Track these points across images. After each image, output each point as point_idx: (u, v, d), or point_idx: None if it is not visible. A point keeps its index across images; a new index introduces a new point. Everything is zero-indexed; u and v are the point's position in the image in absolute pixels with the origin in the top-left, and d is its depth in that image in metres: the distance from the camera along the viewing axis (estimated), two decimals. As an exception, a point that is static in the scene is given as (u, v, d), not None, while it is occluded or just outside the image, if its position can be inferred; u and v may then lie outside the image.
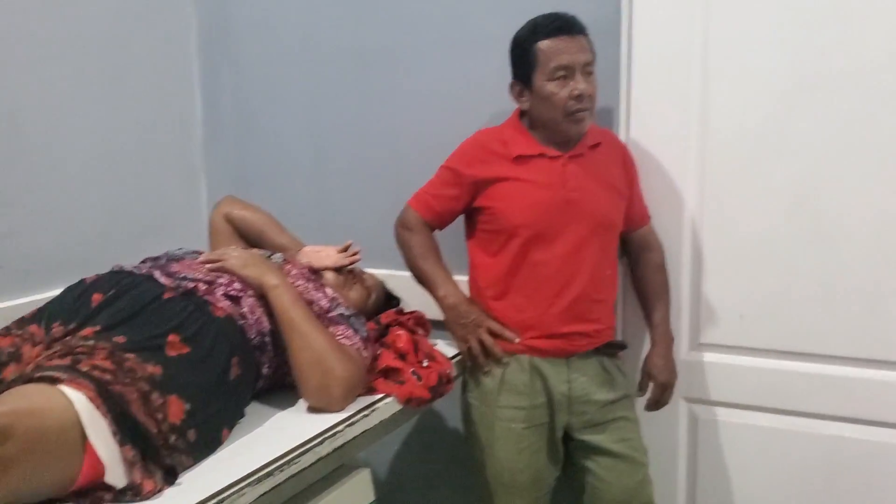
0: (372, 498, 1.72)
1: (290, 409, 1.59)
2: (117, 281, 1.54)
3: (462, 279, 1.97)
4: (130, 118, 2.36)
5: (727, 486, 2.09)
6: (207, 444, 1.38)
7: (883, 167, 1.84)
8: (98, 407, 1.20)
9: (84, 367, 1.24)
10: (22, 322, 1.48)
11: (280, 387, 1.67)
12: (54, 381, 1.20)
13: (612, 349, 1.95)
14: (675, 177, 2.01)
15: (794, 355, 1.98)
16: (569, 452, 1.95)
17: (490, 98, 2.10)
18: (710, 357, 2.06)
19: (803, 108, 1.88)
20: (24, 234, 2.06)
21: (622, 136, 2.03)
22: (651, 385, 1.96)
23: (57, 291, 1.99)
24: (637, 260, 2.01)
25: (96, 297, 1.48)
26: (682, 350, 2.06)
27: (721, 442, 2.08)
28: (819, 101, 1.87)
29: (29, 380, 1.22)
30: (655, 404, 1.97)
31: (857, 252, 1.88)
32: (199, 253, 1.78)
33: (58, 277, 2.06)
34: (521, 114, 1.90)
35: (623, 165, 1.94)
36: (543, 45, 1.78)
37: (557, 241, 1.83)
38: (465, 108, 2.20)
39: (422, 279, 1.94)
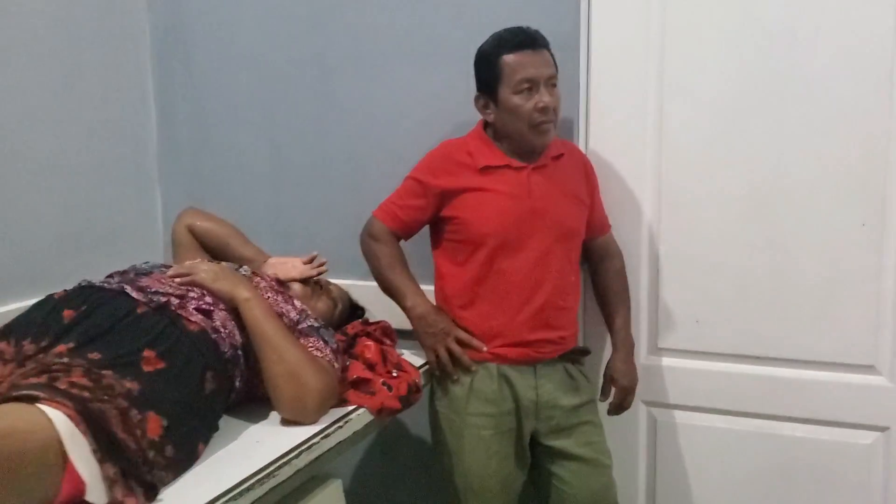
0: (344, 508, 1.72)
1: (263, 423, 1.59)
2: (88, 296, 1.52)
3: (428, 289, 1.99)
4: (83, 128, 2.32)
5: (686, 486, 2.15)
6: (185, 459, 1.37)
7: (831, 174, 1.92)
8: (78, 425, 1.18)
9: (62, 385, 1.22)
10: (-10, 339, 1.45)
11: (250, 399, 1.66)
12: (32, 399, 1.18)
13: (575, 355, 1.99)
14: (633, 185, 2.07)
15: (749, 358, 2.05)
16: (535, 457, 1.98)
17: (452, 109, 2.13)
18: (667, 361, 2.13)
19: (754, 118, 1.96)
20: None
21: (582, 147, 2.08)
22: (613, 389, 2.00)
23: (9, 307, 1.95)
24: (598, 267, 2.05)
25: (67, 314, 1.46)
26: (641, 354, 2.11)
27: (679, 443, 2.14)
28: (768, 111, 1.94)
29: (6, 399, 1.19)
30: (618, 408, 2.01)
31: (807, 257, 1.96)
32: (167, 267, 1.76)
33: (17, 293, 2.03)
34: (486, 125, 1.93)
35: (585, 176, 1.98)
36: (509, 58, 1.82)
37: (523, 250, 1.86)
38: (427, 118, 2.22)
39: (389, 289, 1.95)
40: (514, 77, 1.80)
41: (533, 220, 1.85)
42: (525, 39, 1.81)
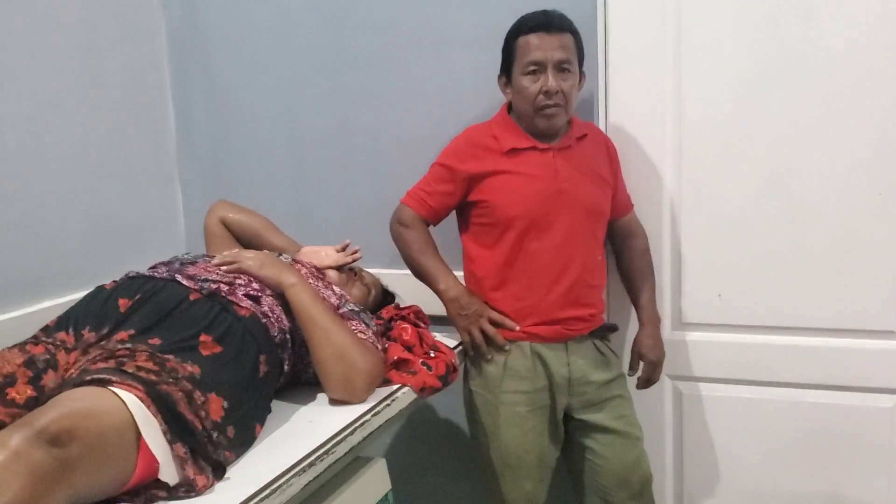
0: (389, 487, 1.76)
1: (312, 404, 1.63)
2: (140, 285, 1.55)
3: (457, 273, 2.02)
4: (102, 128, 2.34)
5: (712, 456, 2.20)
6: (245, 439, 1.41)
7: (845, 148, 1.96)
8: (149, 407, 1.22)
9: (130, 369, 1.26)
10: (48, 330, 1.48)
11: (296, 383, 1.71)
12: (105, 383, 1.22)
13: (604, 332, 2.04)
14: (653, 163, 2.11)
15: (770, 329, 2.09)
16: (568, 433, 2.02)
17: (472, 96, 2.17)
18: (692, 336, 2.17)
19: (771, 94, 1.99)
20: (11, 248, 2.03)
21: (601, 125, 2.12)
22: (641, 364, 2.05)
23: (47, 303, 1.98)
24: (622, 246, 2.10)
25: (123, 302, 1.50)
26: (665, 330, 2.15)
27: (705, 415, 2.19)
28: (786, 85, 1.98)
29: (79, 383, 1.23)
30: (646, 382, 2.06)
31: (825, 229, 2.00)
32: (210, 256, 1.80)
33: (49, 289, 2.07)
34: (509, 108, 1.97)
35: (608, 156, 2.02)
36: (522, 40, 1.86)
37: (552, 231, 1.89)
38: (446, 107, 2.25)
39: (421, 274, 1.99)
40: (524, 59, 1.84)
41: (560, 201, 1.89)
42: (541, 22, 1.84)
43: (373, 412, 1.56)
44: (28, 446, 1.07)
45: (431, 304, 2.00)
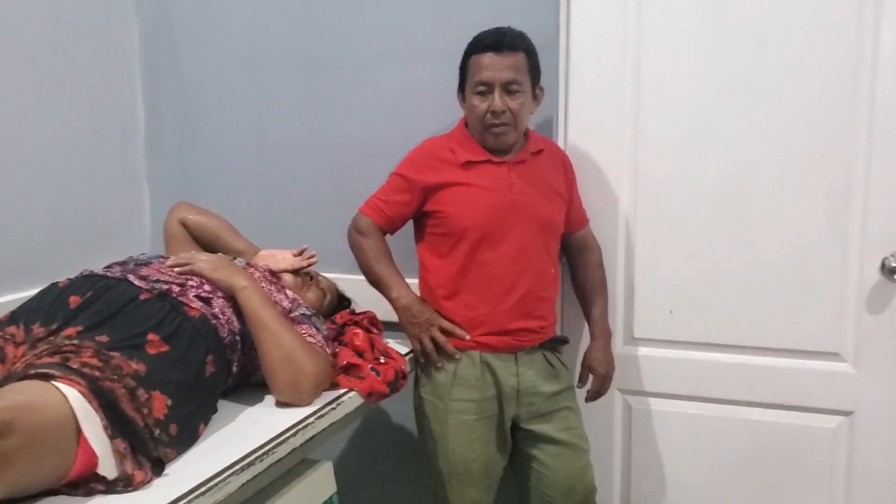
0: (334, 489, 1.79)
1: (259, 405, 1.66)
2: (92, 283, 1.58)
3: (413, 282, 2.06)
4: (72, 124, 2.36)
5: (659, 470, 2.24)
6: (187, 437, 1.43)
7: (799, 169, 2.01)
8: (90, 402, 1.25)
9: (74, 365, 1.29)
10: (-1, 324, 1.51)
11: (245, 384, 1.73)
12: (48, 377, 1.25)
13: (555, 344, 2.07)
14: (610, 180, 2.16)
15: (720, 347, 2.14)
16: (516, 442, 2.05)
17: (434, 108, 2.21)
18: (643, 351, 2.21)
19: (726, 115, 2.05)
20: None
21: (561, 142, 2.16)
22: (591, 377, 2.09)
23: (9, 297, 2.00)
24: (577, 260, 2.14)
25: (74, 299, 1.52)
26: (617, 344, 2.19)
27: (654, 429, 2.23)
28: (739, 108, 2.03)
29: (23, 377, 1.26)
30: (595, 395, 2.10)
31: (775, 250, 2.05)
32: (165, 258, 1.83)
33: (11, 284, 2.08)
34: (467, 122, 2.00)
35: (564, 172, 2.07)
36: (474, 59, 1.90)
37: (504, 243, 1.93)
38: (409, 118, 2.29)
39: (375, 281, 2.02)
40: (474, 78, 1.89)
41: (513, 214, 1.93)
42: (492, 42, 1.88)
43: (317, 415, 1.59)
44: (-34, 437, 1.09)
45: (387, 311, 2.03)
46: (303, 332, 1.70)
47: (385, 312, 2.05)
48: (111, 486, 1.26)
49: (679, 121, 2.08)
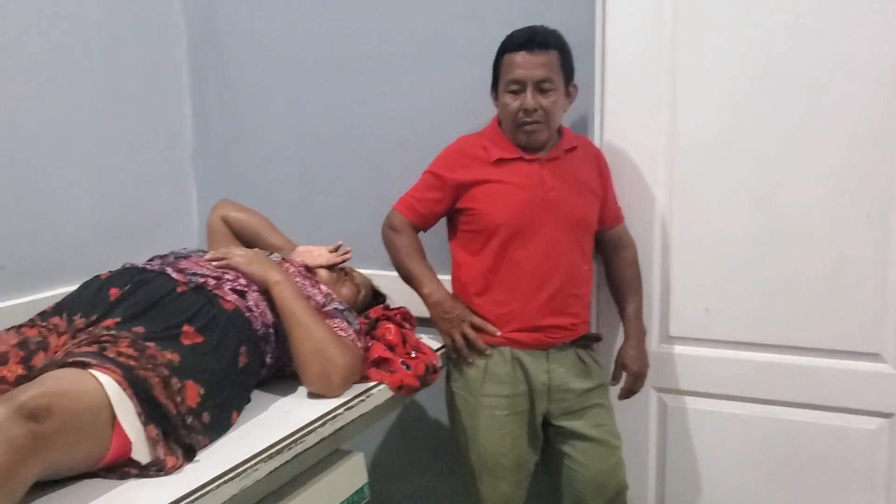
0: (365, 480, 1.83)
1: (291, 396, 1.71)
2: (132, 276, 1.65)
3: (445, 278, 2.09)
4: (124, 126, 2.45)
5: (694, 469, 2.23)
6: (220, 425, 1.49)
7: (837, 166, 1.98)
8: (125, 389, 1.31)
9: (111, 354, 1.35)
10: (44, 315, 1.58)
11: (280, 377, 1.79)
12: (85, 365, 1.31)
13: (588, 341, 2.08)
14: (646, 178, 2.15)
15: (756, 346, 2.11)
16: (547, 438, 2.07)
17: (468, 107, 2.23)
18: (678, 349, 2.20)
19: (762, 114, 2.02)
20: (24, 237, 2.14)
21: (596, 140, 2.16)
22: (624, 375, 2.09)
23: (60, 290, 2.09)
24: (611, 257, 2.14)
25: (113, 292, 1.59)
26: (652, 342, 2.19)
27: (688, 428, 2.22)
28: (777, 105, 2.01)
29: (62, 365, 1.32)
30: (628, 393, 2.10)
31: (812, 248, 2.02)
32: (204, 252, 1.89)
33: (57, 278, 2.16)
34: (500, 120, 2.02)
35: (598, 169, 2.07)
36: (507, 58, 1.92)
37: (535, 240, 1.94)
38: (443, 117, 2.32)
39: (408, 277, 2.05)
40: (506, 76, 1.91)
41: (544, 211, 1.94)
42: (525, 40, 1.89)
43: (346, 406, 1.63)
44: (7, 420, 1.15)
45: (421, 307, 2.06)
46: (334, 325, 1.75)
47: (418, 308, 2.08)
48: (144, 471, 1.32)
49: (716, 118, 2.07)
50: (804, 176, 2.01)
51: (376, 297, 2.20)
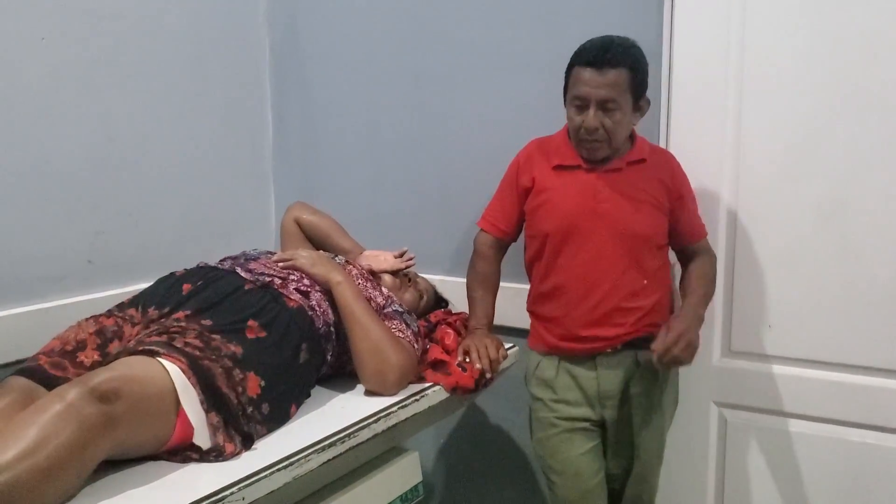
0: (420, 478, 1.89)
1: (349, 392, 1.79)
2: (204, 274, 1.75)
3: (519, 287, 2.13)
4: (209, 132, 2.59)
5: (754, 487, 2.20)
6: (278, 417, 1.57)
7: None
8: (189, 378, 1.40)
9: (178, 344, 1.45)
10: (122, 306, 1.70)
11: (340, 374, 1.86)
12: (154, 354, 1.41)
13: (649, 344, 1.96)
14: (711, 190, 2.13)
15: (819, 364, 2.08)
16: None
17: (537, 118, 2.23)
18: (740, 364, 2.18)
19: (832, 127, 1.99)
20: (114, 234, 2.27)
21: (661, 150, 2.15)
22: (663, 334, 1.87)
23: (142, 285, 2.21)
24: (686, 265, 2.07)
25: (186, 287, 1.70)
26: (714, 356, 2.18)
27: (749, 445, 2.19)
28: (846, 120, 1.97)
29: (132, 352, 1.43)
30: (668, 356, 1.82)
31: (880, 265, 1.98)
32: (272, 253, 1.99)
33: (143, 273, 2.28)
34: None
35: (670, 182, 1.99)
36: (574, 70, 1.88)
37: (582, 249, 1.92)
38: (513, 127, 2.32)
39: (468, 301, 2.09)
40: (572, 90, 1.89)
41: (594, 221, 1.91)
42: (593, 57, 1.84)
43: (400, 405, 1.69)
44: (80, 400, 1.25)
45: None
46: (392, 327, 1.81)
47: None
48: (204, 455, 1.41)
49: (782, 130, 2.05)
50: (874, 191, 1.97)
51: (439, 302, 2.26)
